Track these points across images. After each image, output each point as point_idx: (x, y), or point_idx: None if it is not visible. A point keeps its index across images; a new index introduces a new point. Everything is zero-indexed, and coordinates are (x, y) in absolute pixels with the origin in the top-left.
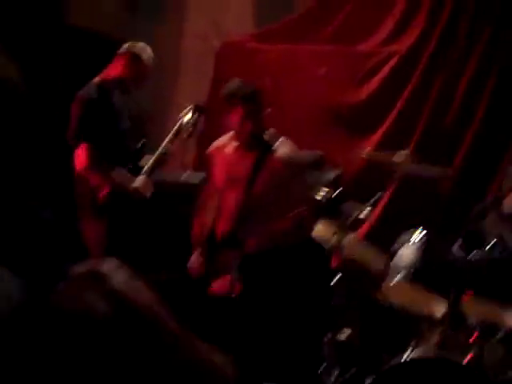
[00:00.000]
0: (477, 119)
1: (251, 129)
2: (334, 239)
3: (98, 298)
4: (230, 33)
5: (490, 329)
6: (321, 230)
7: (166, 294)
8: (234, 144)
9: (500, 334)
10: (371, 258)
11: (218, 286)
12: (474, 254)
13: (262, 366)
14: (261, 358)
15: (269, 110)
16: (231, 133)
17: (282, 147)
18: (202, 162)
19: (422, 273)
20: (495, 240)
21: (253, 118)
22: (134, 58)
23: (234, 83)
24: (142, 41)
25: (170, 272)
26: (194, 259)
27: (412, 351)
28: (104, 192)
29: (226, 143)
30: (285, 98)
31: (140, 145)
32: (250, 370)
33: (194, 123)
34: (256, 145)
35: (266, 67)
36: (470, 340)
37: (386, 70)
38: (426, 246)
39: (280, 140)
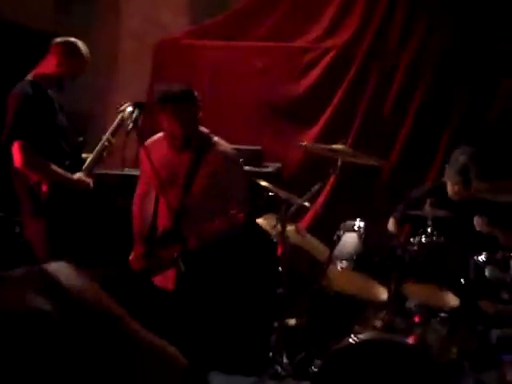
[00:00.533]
0: (412, 110)
1: (184, 131)
2: (274, 231)
3: (40, 296)
4: (165, 30)
5: (430, 311)
6: (262, 223)
7: (109, 288)
8: (168, 144)
9: (440, 316)
10: (315, 246)
11: (160, 280)
12: (414, 240)
13: (211, 355)
14: (209, 348)
15: (200, 114)
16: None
17: (220, 145)
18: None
19: (365, 260)
20: (432, 226)
21: (185, 120)
22: (68, 52)
23: (164, 87)
24: (77, 37)
25: (111, 266)
26: (135, 254)
27: (357, 335)
28: (44, 188)
29: (161, 140)
30: (224, 93)
31: (78, 142)
32: (198, 360)
33: (133, 120)
34: (190, 145)
35: (204, 63)
36: (412, 322)
37: (323, 64)
38: (366, 233)
39: (214, 139)
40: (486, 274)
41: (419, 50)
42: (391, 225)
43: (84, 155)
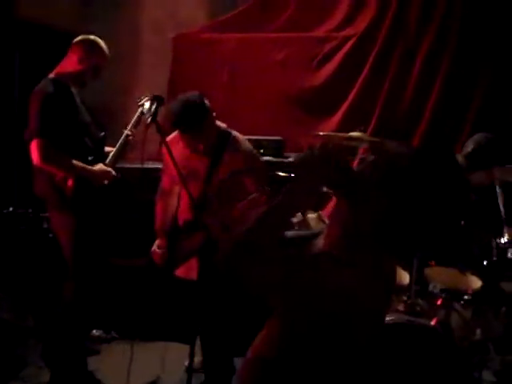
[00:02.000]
0: (434, 94)
1: (204, 145)
2: (296, 219)
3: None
4: (185, 23)
5: (453, 294)
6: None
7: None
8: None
9: (463, 298)
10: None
11: (183, 271)
12: None
13: (235, 341)
14: (233, 334)
15: (214, 115)
16: None
17: (238, 142)
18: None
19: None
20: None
21: (203, 138)
22: (89, 49)
23: (173, 112)
24: (98, 34)
25: (135, 259)
26: (157, 246)
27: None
28: (70, 183)
29: (179, 139)
30: (243, 85)
31: (101, 137)
32: (224, 347)
33: (152, 114)
34: (211, 149)
35: (224, 57)
36: (435, 305)
37: (341, 53)
38: None
39: (233, 134)
40: (509, 255)
41: (439, 33)
42: None
43: (107, 149)
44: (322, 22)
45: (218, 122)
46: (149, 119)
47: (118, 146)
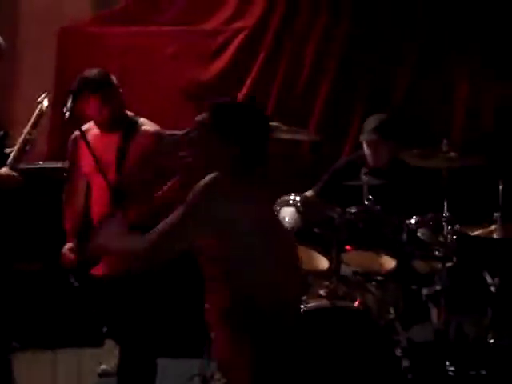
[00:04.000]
0: (326, 84)
1: (110, 114)
2: None
3: None
4: (68, 17)
5: (367, 276)
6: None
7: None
8: (96, 130)
9: (376, 279)
10: None
11: (100, 268)
12: (350, 209)
13: (155, 340)
14: (153, 334)
15: (120, 90)
16: (91, 122)
17: (146, 124)
18: (64, 150)
19: (305, 232)
20: (367, 194)
21: (108, 103)
22: None
23: (80, 77)
24: None
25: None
26: (68, 247)
27: (306, 304)
28: None
29: (88, 129)
30: (135, 80)
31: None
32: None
33: (69, 109)
34: (118, 127)
35: (112, 51)
36: (352, 288)
37: (233, 46)
38: (303, 206)
39: (140, 120)
40: (419, 235)
41: (331, 17)
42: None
43: (7, 150)
44: (212, 14)
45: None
46: (67, 114)
47: (17, 146)
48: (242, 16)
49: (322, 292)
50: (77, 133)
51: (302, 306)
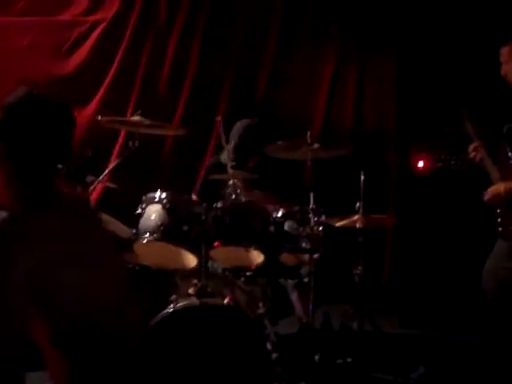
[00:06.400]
0: (189, 76)
1: None
2: None
3: None
4: None
5: (235, 271)
6: None
7: None
8: None
9: (245, 275)
10: (116, 226)
11: None
12: (216, 205)
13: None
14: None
15: None
16: None
17: None
18: None
19: (172, 229)
20: (233, 188)
21: None
22: None
23: None
24: None
25: None
26: None
27: (175, 304)
28: None
29: None
30: None
31: None
32: None
33: None
34: None
35: None
36: (222, 285)
37: (92, 38)
38: (170, 203)
39: None
40: (285, 228)
41: (190, 12)
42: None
43: None
44: (68, 5)
45: None
46: None
47: None
48: (99, 8)
49: (190, 290)
50: None
51: (170, 306)
